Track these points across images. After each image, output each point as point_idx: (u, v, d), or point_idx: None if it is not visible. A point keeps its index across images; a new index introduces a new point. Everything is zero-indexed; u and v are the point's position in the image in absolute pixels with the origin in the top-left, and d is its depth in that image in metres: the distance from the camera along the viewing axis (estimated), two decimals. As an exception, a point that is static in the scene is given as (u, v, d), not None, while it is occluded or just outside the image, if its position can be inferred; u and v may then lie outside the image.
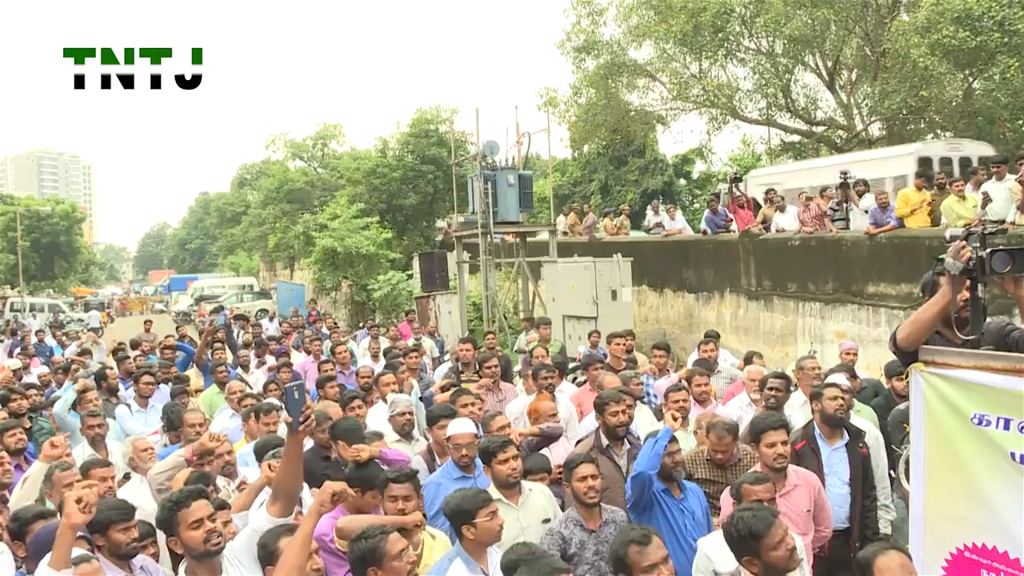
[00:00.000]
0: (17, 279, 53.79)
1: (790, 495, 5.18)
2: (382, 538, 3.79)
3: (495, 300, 19.36)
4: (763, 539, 3.80)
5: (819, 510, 5.35)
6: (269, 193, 46.21)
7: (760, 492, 4.64)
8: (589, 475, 4.93)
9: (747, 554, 3.87)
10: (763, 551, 3.80)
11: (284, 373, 10.42)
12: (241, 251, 64.21)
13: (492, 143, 19.49)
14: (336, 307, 35.15)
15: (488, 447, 5.44)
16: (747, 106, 25.00)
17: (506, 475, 5.25)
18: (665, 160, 41.82)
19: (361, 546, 3.80)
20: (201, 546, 3.94)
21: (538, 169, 28.92)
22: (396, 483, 4.81)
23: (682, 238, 19.85)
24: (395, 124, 38.11)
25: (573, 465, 4.97)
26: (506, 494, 5.24)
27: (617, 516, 5.08)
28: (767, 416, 5.57)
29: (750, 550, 3.84)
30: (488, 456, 5.39)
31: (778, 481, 5.11)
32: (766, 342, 16.03)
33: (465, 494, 4.54)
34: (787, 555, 3.83)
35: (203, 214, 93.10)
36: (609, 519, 4.99)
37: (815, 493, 5.31)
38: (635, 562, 3.72)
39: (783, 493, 5.12)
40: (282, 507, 4.04)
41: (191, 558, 3.99)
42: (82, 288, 72.22)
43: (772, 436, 5.22)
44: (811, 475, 5.47)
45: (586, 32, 25.71)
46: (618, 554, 3.80)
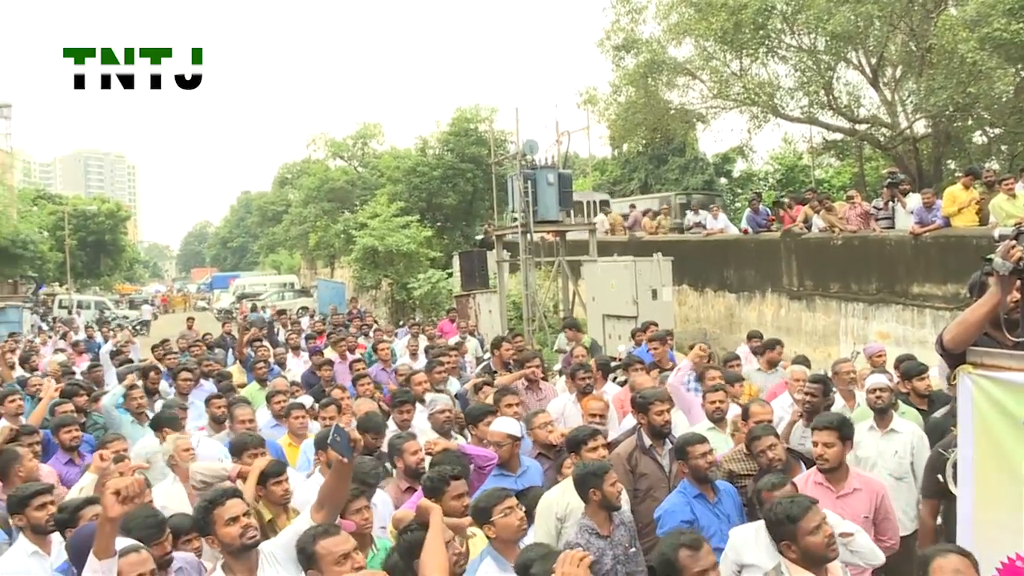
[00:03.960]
0: (65, 277, 54.72)
1: (848, 498, 5.09)
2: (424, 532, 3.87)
3: (535, 299, 19.37)
4: (799, 523, 3.88)
5: (883, 519, 5.20)
6: (310, 192, 46.55)
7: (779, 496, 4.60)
8: (616, 480, 4.94)
9: (785, 538, 3.95)
10: (799, 535, 3.88)
11: (325, 372, 10.53)
12: (282, 249, 64.80)
13: (531, 142, 19.51)
14: (376, 305, 35.37)
15: (577, 436, 5.54)
16: (788, 104, 24.71)
17: None
18: (705, 159, 41.54)
19: (408, 539, 3.89)
20: (237, 541, 4.04)
21: (578, 168, 28.89)
22: (456, 480, 4.88)
23: (723, 237, 19.71)
24: (435, 123, 38.33)
25: (602, 471, 4.95)
26: None
27: (625, 517, 5.08)
28: (822, 416, 5.51)
29: (787, 534, 3.92)
30: (576, 445, 5.47)
31: (835, 483, 5.08)
32: (808, 343, 15.88)
33: (483, 493, 4.62)
34: (824, 542, 3.88)
35: (245, 213, 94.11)
36: (619, 522, 4.98)
37: (877, 500, 5.17)
38: (685, 566, 3.69)
39: (841, 495, 5.07)
40: (326, 516, 4.12)
41: (228, 554, 4.08)
42: (127, 285, 73.41)
43: (816, 436, 5.20)
44: (876, 481, 5.37)
45: (626, 30, 25.56)
46: (667, 557, 3.77)
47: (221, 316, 40.66)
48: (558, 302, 21.03)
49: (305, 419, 7.42)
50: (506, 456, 5.92)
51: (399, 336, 16.73)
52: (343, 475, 4.23)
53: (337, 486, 4.25)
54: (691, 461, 5.29)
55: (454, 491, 4.80)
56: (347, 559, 3.75)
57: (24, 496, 4.87)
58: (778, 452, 5.50)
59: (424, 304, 28.51)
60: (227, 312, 43.06)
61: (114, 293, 64.73)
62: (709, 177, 40.31)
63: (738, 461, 6.01)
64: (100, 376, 11.60)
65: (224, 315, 40.47)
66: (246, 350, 12.59)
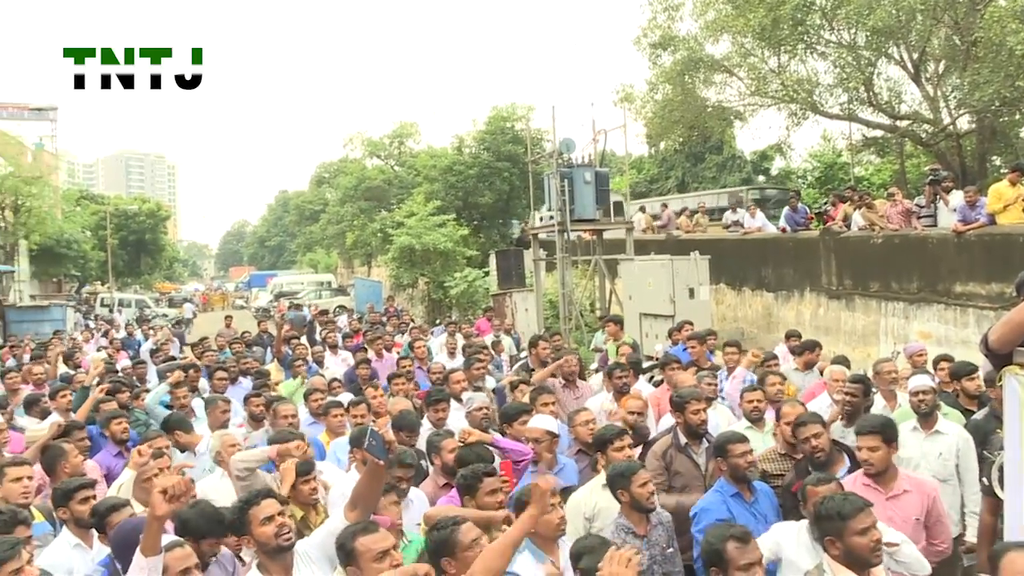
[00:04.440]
0: (107, 275, 55.50)
1: (898, 500, 5.00)
2: (455, 529, 3.87)
3: (571, 298, 19.33)
4: (848, 522, 3.85)
5: (935, 522, 5.06)
6: (347, 191, 46.81)
7: (824, 493, 4.50)
8: (647, 480, 4.91)
9: (830, 534, 3.92)
10: (846, 534, 3.85)
11: (362, 370, 10.59)
12: (319, 248, 65.24)
13: (568, 140, 19.47)
14: (413, 304, 35.50)
15: (604, 435, 5.54)
16: (827, 100, 24.45)
17: None
18: (743, 156, 41.26)
19: (435, 536, 3.89)
20: (273, 541, 4.06)
21: (614, 166, 28.75)
22: (489, 476, 4.90)
23: (761, 236, 19.55)
24: (471, 122, 38.22)
25: (631, 472, 4.93)
26: None
27: (663, 517, 5.07)
28: (866, 420, 5.41)
29: (834, 530, 3.90)
30: (604, 444, 5.47)
31: (884, 485, 5.00)
32: (847, 343, 15.70)
33: (526, 488, 4.60)
34: (870, 546, 3.84)
35: (282, 212, 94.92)
36: (656, 522, 4.97)
37: (929, 503, 5.05)
38: (733, 559, 3.76)
39: (891, 496, 4.98)
40: (359, 516, 4.14)
41: (263, 554, 4.11)
42: (166, 284, 74.32)
43: (860, 440, 5.11)
44: (928, 484, 5.26)
45: (662, 28, 25.45)
46: (715, 548, 3.83)
47: (259, 314, 41.03)
48: (594, 301, 20.97)
49: (343, 417, 7.46)
50: (542, 453, 5.94)
51: (435, 335, 16.79)
52: (377, 476, 4.24)
53: (371, 487, 4.27)
54: (731, 459, 5.26)
55: (487, 487, 4.83)
56: (385, 556, 3.76)
57: (68, 490, 5.02)
58: (823, 441, 5.46)
59: (460, 303, 28.56)
60: (265, 311, 43.47)
61: (154, 292, 65.56)
62: (747, 175, 40.08)
63: (772, 461, 5.98)
64: (143, 373, 11.76)
65: (262, 313, 40.85)
66: (284, 348, 12.70)
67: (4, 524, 4.46)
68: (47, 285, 50.38)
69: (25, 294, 41.03)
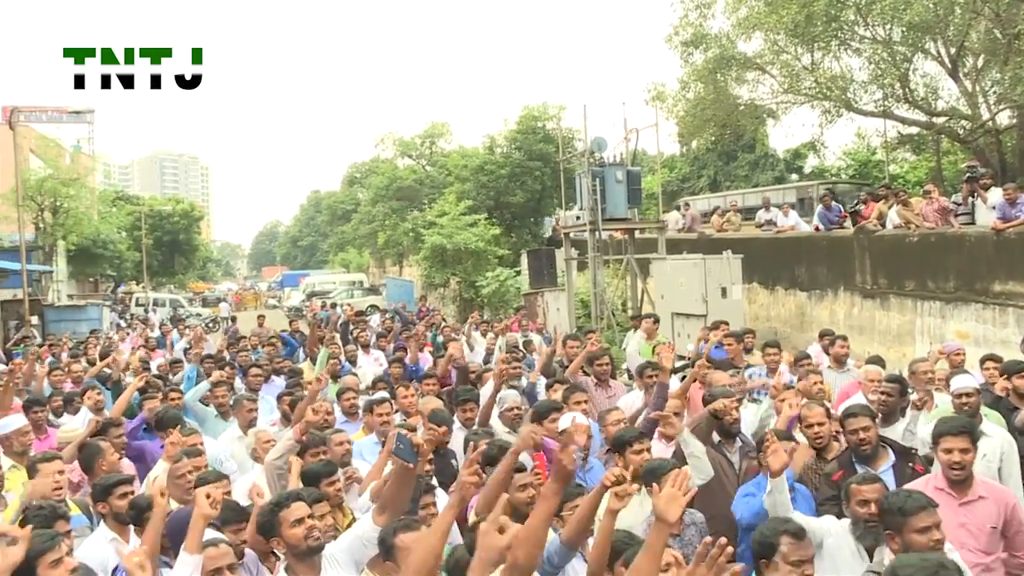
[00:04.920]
0: (142, 275, 56.13)
1: (972, 506, 4.78)
2: None
3: (603, 297, 19.28)
4: (909, 518, 3.83)
5: (1015, 532, 4.76)
6: (379, 191, 47.05)
7: (867, 492, 4.46)
8: None
9: (890, 528, 3.92)
10: (905, 530, 3.84)
11: (395, 369, 10.62)
12: (351, 248, 65.60)
13: (600, 139, 19.42)
14: (444, 303, 35.59)
15: (623, 437, 5.50)
16: (862, 98, 24.20)
17: (640, 465, 5.26)
18: (776, 155, 40.98)
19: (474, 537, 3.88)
20: (303, 543, 4.08)
21: (646, 165, 28.69)
22: (519, 472, 4.89)
23: (794, 234, 19.38)
24: (502, 121, 38.29)
25: (662, 472, 4.89)
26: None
27: (696, 518, 5.05)
28: (949, 420, 5.24)
29: (894, 525, 3.89)
30: (623, 445, 5.44)
31: (959, 490, 4.83)
32: (882, 342, 15.53)
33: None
34: (929, 545, 3.78)
35: (314, 212, 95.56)
36: (689, 521, 4.95)
37: (1007, 512, 4.82)
38: (786, 553, 3.77)
39: (964, 502, 4.79)
40: (387, 519, 4.16)
41: (292, 556, 4.12)
42: (200, 284, 75.04)
43: (950, 442, 4.92)
44: (1005, 490, 5.09)
45: (694, 25, 25.30)
46: (768, 540, 3.83)
47: (291, 314, 41.31)
48: (626, 300, 20.91)
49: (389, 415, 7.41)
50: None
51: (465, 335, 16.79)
52: (406, 479, 4.25)
53: (400, 490, 4.28)
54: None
55: (517, 483, 4.82)
56: None
57: (107, 485, 5.12)
58: (871, 435, 5.38)
59: (492, 302, 28.60)
60: (297, 310, 43.72)
61: (188, 291, 66.20)
62: (780, 173, 39.80)
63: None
64: (179, 372, 11.84)
65: (294, 313, 41.11)
66: (316, 347, 12.76)
67: (44, 518, 4.54)
68: (84, 285, 51.03)
69: (63, 294, 41.57)
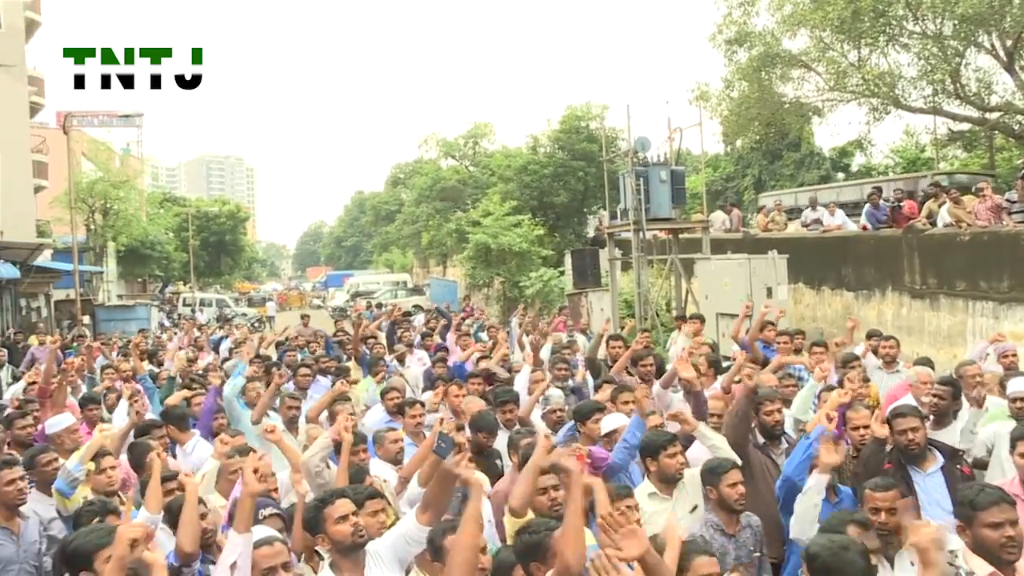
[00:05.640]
0: (189, 276, 56.96)
1: None
2: (547, 534, 3.86)
3: (647, 297, 19.18)
4: (979, 512, 3.79)
5: None
6: (422, 191, 47.26)
7: (880, 499, 4.42)
8: (738, 481, 4.84)
9: (961, 520, 3.90)
10: (975, 524, 3.80)
11: (439, 368, 10.65)
12: (395, 248, 66.02)
13: (643, 139, 19.30)
14: (488, 303, 35.65)
15: (655, 441, 5.45)
16: (911, 94, 23.80)
17: (673, 470, 5.27)
18: (822, 153, 40.53)
19: (525, 540, 3.88)
20: (348, 539, 4.10)
21: (690, 165, 28.50)
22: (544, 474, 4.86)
23: (841, 234, 19.12)
24: (545, 121, 38.27)
25: (721, 471, 4.88)
26: (662, 488, 5.24)
27: (752, 521, 5.00)
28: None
29: (964, 517, 3.87)
30: (655, 450, 5.39)
31: None
32: (931, 343, 15.26)
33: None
34: (1000, 541, 3.74)
35: (358, 213, 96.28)
36: (746, 524, 4.92)
37: None
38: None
39: None
40: (431, 518, 4.17)
41: (337, 552, 4.15)
42: (245, 284, 75.98)
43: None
44: None
45: (738, 23, 25.08)
46: (837, 530, 3.90)
47: (335, 314, 41.63)
48: (670, 300, 20.78)
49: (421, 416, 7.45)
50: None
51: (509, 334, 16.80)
52: (448, 479, 4.26)
53: (443, 489, 4.29)
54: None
55: (539, 486, 4.85)
56: None
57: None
58: (919, 436, 5.31)
59: (536, 302, 28.60)
60: (341, 310, 44.07)
61: (234, 291, 67.05)
62: (825, 172, 39.36)
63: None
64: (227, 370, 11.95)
65: (338, 313, 41.42)
66: (361, 347, 12.82)
67: (94, 513, 4.64)
68: (132, 285, 51.93)
69: (113, 294, 42.36)
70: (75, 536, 4.19)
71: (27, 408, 7.87)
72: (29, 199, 31.95)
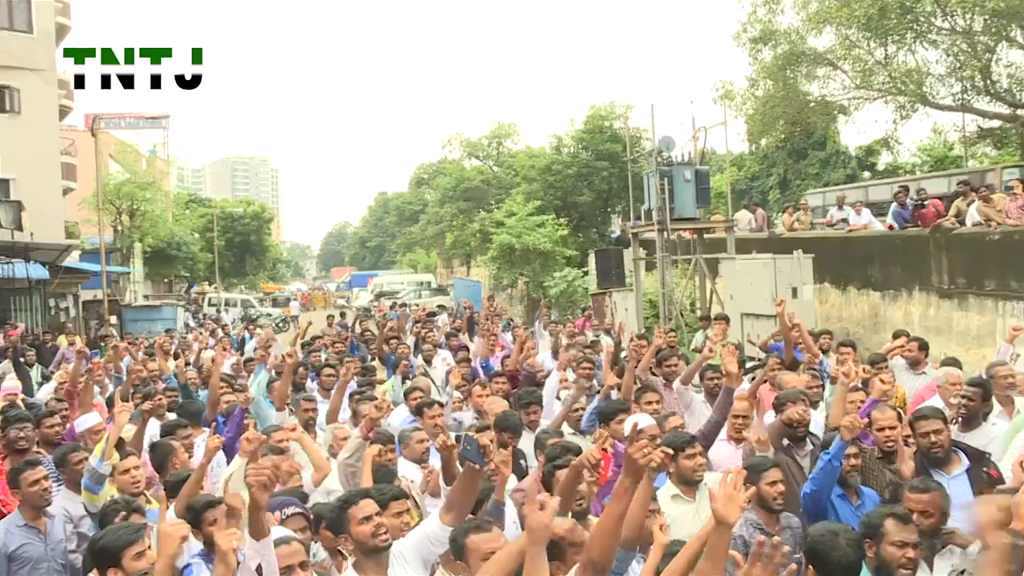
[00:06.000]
0: (214, 276, 57.35)
1: None
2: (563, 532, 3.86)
3: (672, 297, 19.12)
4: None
5: None
6: (446, 192, 47.35)
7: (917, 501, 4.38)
8: (779, 480, 4.81)
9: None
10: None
11: (464, 368, 10.65)
12: (419, 248, 66.18)
13: (667, 138, 19.24)
14: (512, 303, 35.66)
15: (674, 442, 5.41)
16: (939, 91, 23.56)
17: (691, 471, 5.27)
18: (848, 152, 40.22)
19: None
20: (371, 540, 4.08)
21: (715, 164, 28.38)
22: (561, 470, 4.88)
23: (867, 233, 18.95)
24: (569, 121, 38.22)
25: (761, 469, 4.86)
26: (684, 490, 5.22)
27: (792, 522, 4.99)
28: None
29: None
30: (675, 451, 5.35)
31: None
32: (960, 344, 15.10)
33: None
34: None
35: (382, 213, 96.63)
36: (786, 524, 4.91)
37: None
38: (889, 532, 3.87)
39: None
40: (454, 518, 4.17)
41: (360, 553, 4.14)
42: (270, 284, 76.39)
43: None
44: None
45: (763, 22, 24.94)
46: (874, 523, 3.95)
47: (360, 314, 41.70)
48: (695, 300, 20.70)
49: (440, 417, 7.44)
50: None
51: (535, 334, 16.78)
52: (473, 480, 4.26)
53: (467, 490, 4.30)
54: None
55: None
56: None
57: (178, 481, 5.27)
58: (943, 438, 5.25)
59: (560, 302, 28.57)
60: (366, 310, 44.22)
61: (259, 292, 67.43)
62: (852, 171, 39.03)
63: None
64: (254, 370, 12.01)
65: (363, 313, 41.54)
66: (384, 347, 12.85)
67: (120, 511, 4.71)
68: (159, 286, 52.38)
69: (139, 295, 42.70)
70: (103, 534, 4.26)
71: (55, 407, 7.95)
72: (58, 201, 32.22)
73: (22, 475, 5.34)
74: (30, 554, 5.21)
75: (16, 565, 5.16)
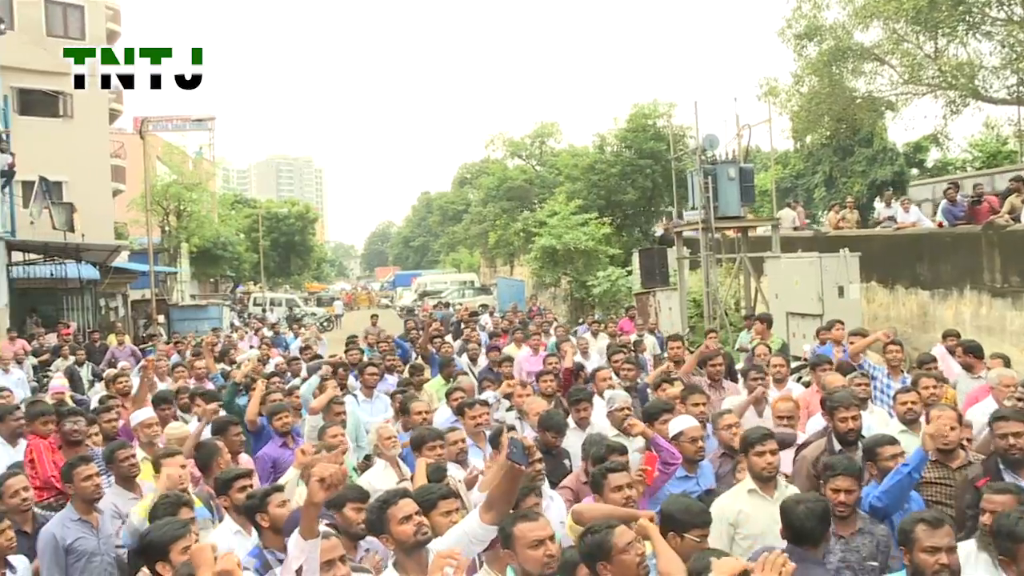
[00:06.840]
0: (259, 276, 57.99)
1: None
2: (608, 532, 3.84)
3: (716, 297, 18.98)
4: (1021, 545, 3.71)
5: None
6: (489, 191, 47.45)
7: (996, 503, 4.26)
8: (844, 489, 4.70)
9: (1004, 554, 3.83)
10: (1019, 557, 3.73)
11: (505, 368, 10.67)
12: (462, 248, 66.37)
13: (712, 136, 19.10)
14: (555, 303, 35.62)
15: (748, 437, 5.38)
16: (992, 85, 23.09)
17: (761, 467, 5.19)
18: (895, 149, 39.59)
19: (589, 540, 3.86)
20: (411, 538, 4.15)
21: (759, 162, 28.08)
22: (612, 472, 4.91)
23: (916, 231, 18.64)
24: (612, 120, 38.14)
25: (832, 474, 4.77)
26: (762, 487, 5.16)
27: (877, 529, 4.80)
28: None
29: (1006, 551, 3.80)
30: (746, 447, 5.33)
31: None
32: (1013, 344, 14.80)
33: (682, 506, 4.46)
34: None
35: (426, 213, 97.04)
36: (866, 529, 4.74)
37: None
38: (919, 539, 3.79)
39: None
40: (494, 517, 4.16)
41: (401, 552, 4.20)
42: (315, 284, 77.11)
43: None
44: None
45: (808, 17, 24.68)
46: (905, 529, 3.90)
47: (404, 314, 41.96)
48: (739, 299, 20.54)
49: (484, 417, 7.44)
50: (691, 454, 5.85)
51: (578, 334, 16.76)
52: (515, 480, 4.27)
53: (508, 489, 4.29)
54: (880, 463, 5.12)
55: (612, 484, 4.84)
56: (541, 545, 3.84)
57: (228, 479, 5.32)
58: (1023, 441, 5.07)
59: (603, 302, 28.49)
60: (410, 310, 44.44)
61: (303, 291, 68.08)
62: (899, 168, 38.41)
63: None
64: (298, 369, 12.15)
65: (407, 313, 41.78)
66: (428, 346, 12.91)
67: (169, 506, 4.77)
68: (205, 285, 53.14)
69: (186, 294, 43.36)
70: (151, 528, 4.37)
71: (110, 403, 8.14)
72: (108, 202, 32.85)
73: (75, 470, 5.48)
74: (85, 548, 5.33)
75: (73, 558, 5.28)
